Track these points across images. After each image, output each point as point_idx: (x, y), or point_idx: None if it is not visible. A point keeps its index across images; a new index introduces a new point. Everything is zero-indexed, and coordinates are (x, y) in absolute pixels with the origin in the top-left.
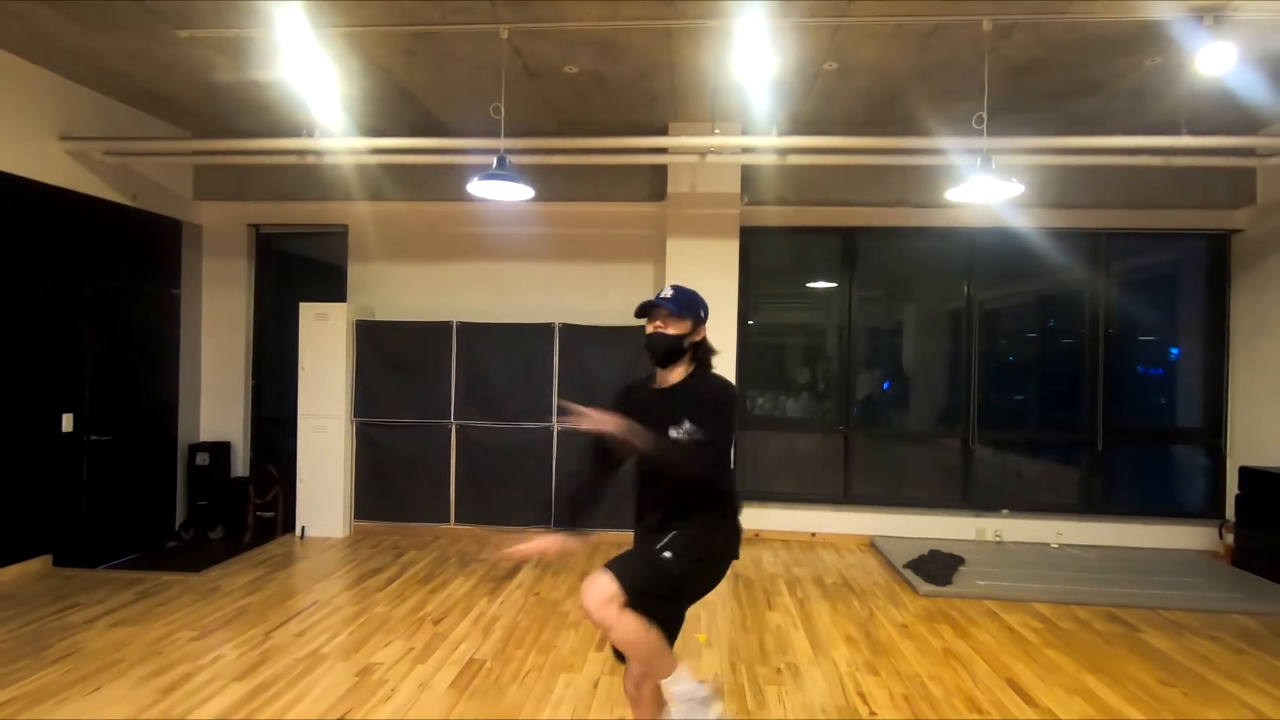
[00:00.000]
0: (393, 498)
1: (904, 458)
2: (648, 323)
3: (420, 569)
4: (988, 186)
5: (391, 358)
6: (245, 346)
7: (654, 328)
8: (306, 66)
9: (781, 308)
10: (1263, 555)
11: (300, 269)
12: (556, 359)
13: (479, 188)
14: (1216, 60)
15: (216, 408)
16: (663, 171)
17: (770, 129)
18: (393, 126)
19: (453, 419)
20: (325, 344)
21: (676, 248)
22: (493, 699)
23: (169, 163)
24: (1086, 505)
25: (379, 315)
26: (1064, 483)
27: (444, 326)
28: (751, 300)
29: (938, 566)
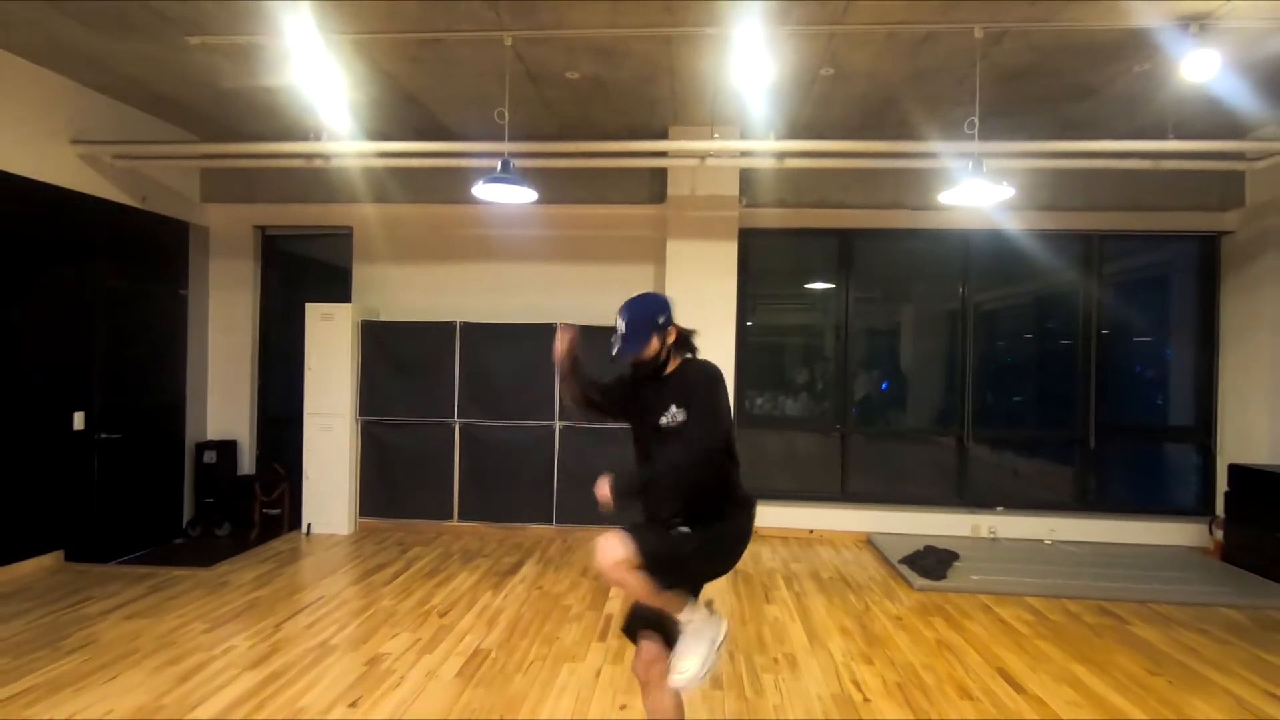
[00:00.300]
0: (397, 495)
1: (901, 456)
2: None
3: (425, 564)
4: (979, 189)
5: (396, 357)
6: (251, 346)
7: (633, 360)
8: (314, 72)
9: (780, 309)
10: (1251, 551)
11: (306, 270)
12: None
13: (484, 190)
14: (1202, 67)
15: (223, 406)
16: (663, 174)
17: (768, 133)
18: (398, 131)
19: (456, 418)
20: (330, 344)
21: (676, 249)
22: (498, 687)
23: (177, 166)
24: (1079, 502)
25: (383, 315)
26: (1057, 480)
27: (447, 326)
28: (750, 301)
29: (932, 562)
